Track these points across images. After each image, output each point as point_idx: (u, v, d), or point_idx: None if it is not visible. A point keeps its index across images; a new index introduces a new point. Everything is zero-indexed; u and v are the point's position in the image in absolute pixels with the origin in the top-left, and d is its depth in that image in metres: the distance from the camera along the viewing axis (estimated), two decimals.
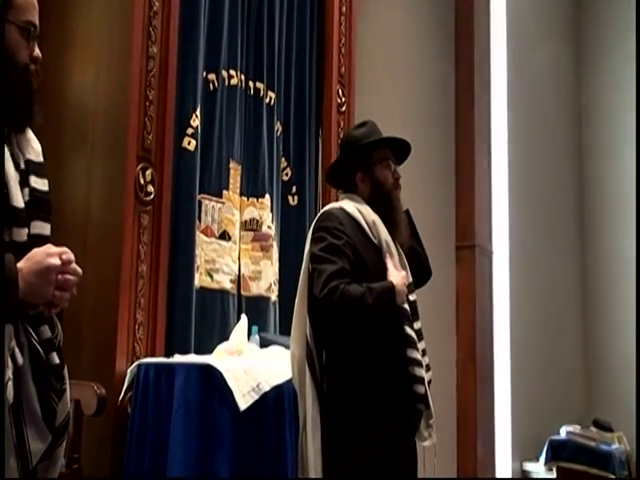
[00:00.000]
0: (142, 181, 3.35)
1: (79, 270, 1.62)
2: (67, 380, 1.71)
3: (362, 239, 2.54)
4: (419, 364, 2.51)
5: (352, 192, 2.71)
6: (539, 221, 7.12)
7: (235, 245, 3.92)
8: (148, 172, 3.39)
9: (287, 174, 4.36)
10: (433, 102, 5.84)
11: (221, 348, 3.37)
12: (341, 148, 2.84)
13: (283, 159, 4.33)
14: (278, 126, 4.26)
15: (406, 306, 2.54)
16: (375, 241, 2.56)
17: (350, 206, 2.61)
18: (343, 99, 4.57)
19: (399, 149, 2.77)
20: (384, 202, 2.65)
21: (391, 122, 2.78)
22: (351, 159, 2.70)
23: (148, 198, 3.37)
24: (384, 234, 2.59)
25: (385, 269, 2.52)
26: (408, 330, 2.51)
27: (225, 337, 3.57)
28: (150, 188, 3.38)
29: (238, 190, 4.00)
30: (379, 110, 4.73)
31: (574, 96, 8.05)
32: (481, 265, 5.88)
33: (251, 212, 4.05)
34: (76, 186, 3.47)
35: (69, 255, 1.61)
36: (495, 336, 6.05)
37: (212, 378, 2.92)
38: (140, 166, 3.35)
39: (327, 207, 2.69)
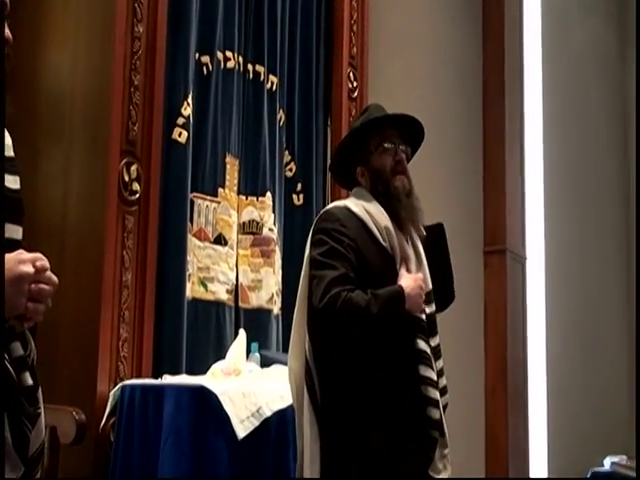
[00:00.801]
0: (126, 178, 3.36)
1: (55, 279, 1.63)
2: (41, 404, 1.71)
3: (368, 241, 2.52)
4: (433, 384, 2.48)
5: (354, 186, 2.71)
6: (579, 223, 7.11)
7: (232, 250, 3.92)
8: (133, 168, 3.39)
9: (291, 169, 4.36)
10: (458, 87, 5.84)
11: (216, 368, 3.37)
12: (339, 144, 2.86)
13: (286, 152, 4.33)
14: (281, 115, 4.26)
15: (422, 315, 2.52)
16: (385, 244, 2.54)
17: (357, 205, 2.59)
18: (355, 84, 4.57)
19: (409, 129, 2.73)
20: (383, 191, 2.62)
21: (410, 111, 2.75)
22: (348, 152, 2.70)
23: (133, 197, 3.38)
24: (399, 239, 2.56)
25: (395, 274, 2.50)
26: (421, 344, 2.48)
27: (221, 355, 3.57)
28: (136, 186, 3.39)
29: (235, 188, 4.00)
30: (396, 96, 4.73)
31: (618, 82, 8.02)
32: (513, 273, 5.87)
33: (250, 213, 4.05)
34: (52, 183, 3.48)
35: (44, 262, 1.61)
36: (529, 355, 6.03)
37: (206, 402, 2.91)
38: (124, 161, 3.35)
39: (330, 206, 2.69)
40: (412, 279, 2.49)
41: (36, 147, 3.50)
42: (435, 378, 2.49)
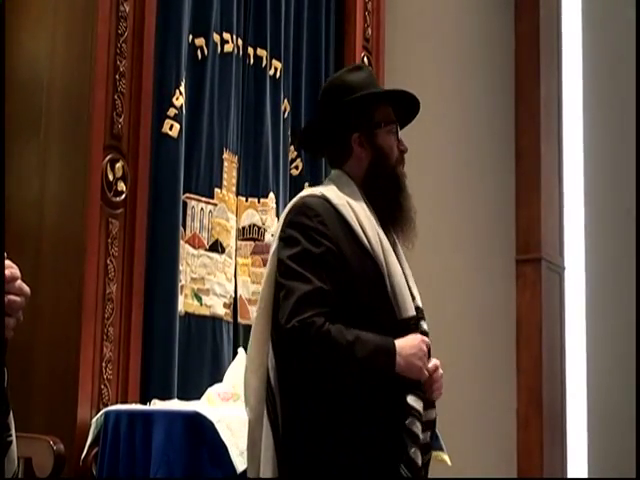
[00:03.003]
0: (111, 177, 3.37)
1: (26, 289, 1.62)
2: (13, 431, 1.71)
3: (352, 246, 2.35)
4: (417, 443, 2.30)
5: (342, 160, 2.51)
6: (625, 229, 7.07)
7: (230, 259, 3.93)
8: (118, 165, 3.40)
9: (297, 167, 4.37)
10: (488, 70, 5.84)
11: (212, 392, 3.37)
12: (326, 98, 2.59)
13: (292, 148, 4.34)
14: (285, 105, 4.27)
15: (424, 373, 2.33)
16: (373, 254, 2.37)
17: (339, 197, 2.42)
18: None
19: (401, 111, 2.60)
20: (389, 179, 2.48)
21: (432, 99, 2.74)
22: (344, 114, 2.52)
23: (119, 199, 3.39)
24: (385, 247, 2.45)
25: (384, 290, 2.34)
26: (412, 401, 2.30)
27: (218, 378, 3.57)
28: (121, 186, 3.40)
29: (234, 188, 4.00)
30: (416, 84, 4.72)
31: None
32: (549, 284, 5.86)
33: (251, 216, 4.06)
34: (26, 183, 3.48)
35: (13, 270, 1.61)
36: (567, 379, 6.01)
37: (201, 430, 2.91)
38: (108, 157, 3.36)
39: (303, 193, 2.49)
40: (411, 338, 2.31)
41: (9, 143, 3.51)
42: (421, 436, 2.31)
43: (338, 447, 2.27)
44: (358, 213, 2.39)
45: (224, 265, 3.88)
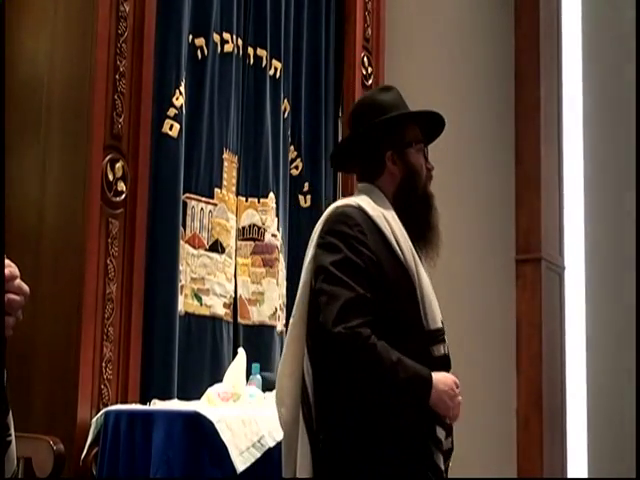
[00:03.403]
0: (111, 177, 3.37)
1: (26, 288, 1.62)
2: (12, 431, 1.71)
3: (388, 256, 2.45)
4: (440, 447, 2.43)
5: (374, 175, 2.61)
6: (625, 229, 7.07)
7: (230, 259, 3.93)
8: (118, 165, 3.40)
9: (297, 167, 4.37)
10: (488, 71, 5.84)
11: (212, 392, 3.37)
12: (359, 117, 2.68)
13: (292, 148, 4.34)
14: (285, 105, 4.27)
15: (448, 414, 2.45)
16: (401, 257, 2.46)
17: (370, 207, 2.51)
18: (369, 69, 4.58)
19: (426, 130, 2.73)
20: (419, 197, 2.59)
21: (432, 99, 2.75)
22: (378, 132, 2.61)
23: (119, 199, 3.39)
24: (416, 261, 2.53)
25: (415, 300, 2.46)
26: (440, 433, 2.43)
27: (218, 378, 3.57)
28: (121, 186, 3.40)
29: (234, 188, 4.00)
30: (416, 83, 4.73)
31: None
32: (549, 284, 5.86)
33: (251, 216, 4.06)
34: (26, 183, 3.48)
35: (12, 269, 1.61)
36: (567, 380, 6.01)
37: (201, 431, 2.91)
38: (108, 157, 3.36)
39: (339, 203, 2.57)
40: (443, 375, 2.42)
41: (9, 142, 3.51)
42: (444, 442, 2.44)
43: (372, 452, 2.36)
44: (392, 225, 2.48)
45: (224, 265, 3.88)
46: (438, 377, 2.37)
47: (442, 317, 2.54)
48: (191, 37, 3.84)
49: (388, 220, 2.49)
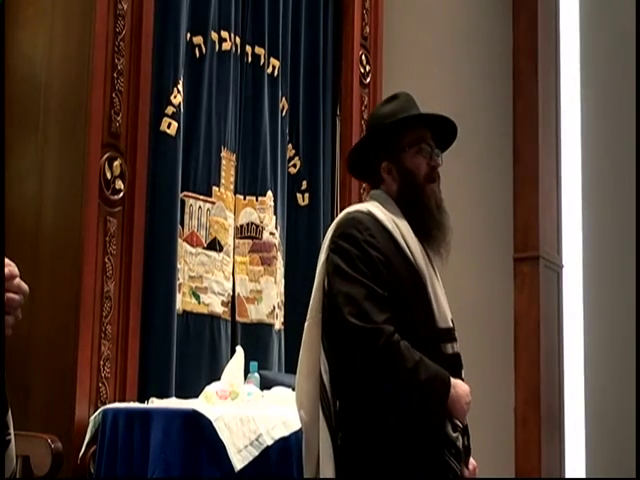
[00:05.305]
0: (109, 175, 3.37)
1: (25, 287, 1.62)
2: (12, 429, 1.71)
3: (398, 257, 2.52)
4: (455, 446, 2.49)
5: (378, 187, 2.70)
6: (623, 226, 7.07)
7: (228, 257, 3.93)
8: (116, 164, 3.40)
9: (295, 165, 4.37)
10: (486, 71, 5.84)
11: (210, 390, 3.37)
12: (366, 129, 2.84)
13: (290, 146, 4.34)
14: (283, 103, 4.27)
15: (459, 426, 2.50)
16: (411, 259, 2.53)
17: (380, 211, 2.59)
18: (367, 68, 4.58)
19: (440, 131, 2.76)
20: (413, 199, 2.62)
21: (430, 98, 2.76)
22: (375, 143, 2.70)
23: (116, 197, 3.39)
24: (425, 262, 2.57)
25: (427, 299, 2.51)
26: (450, 432, 2.47)
27: (216, 376, 3.57)
28: (119, 184, 3.40)
29: (232, 187, 4.01)
30: (414, 82, 4.73)
31: None
32: (547, 282, 5.86)
33: (249, 215, 4.06)
34: (24, 181, 3.48)
35: (12, 268, 1.61)
36: (565, 378, 6.01)
37: (199, 429, 2.91)
38: (106, 156, 3.36)
39: (350, 209, 2.66)
40: (459, 383, 2.48)
41: (7, 141, 3.51)
42: (457, 468, 2.49)
43: (391, 449, 2.41)
44: (401, 228, 2.56)
45: (222, 263, 3.88)
46: (456, 381, 2.44)
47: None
48: (189, 35, 3.84)
49: (398, 224, 2.57)
